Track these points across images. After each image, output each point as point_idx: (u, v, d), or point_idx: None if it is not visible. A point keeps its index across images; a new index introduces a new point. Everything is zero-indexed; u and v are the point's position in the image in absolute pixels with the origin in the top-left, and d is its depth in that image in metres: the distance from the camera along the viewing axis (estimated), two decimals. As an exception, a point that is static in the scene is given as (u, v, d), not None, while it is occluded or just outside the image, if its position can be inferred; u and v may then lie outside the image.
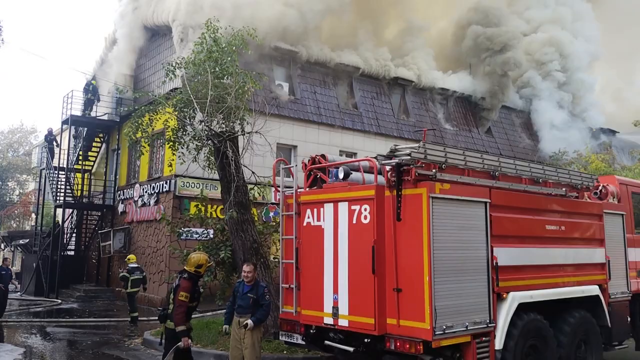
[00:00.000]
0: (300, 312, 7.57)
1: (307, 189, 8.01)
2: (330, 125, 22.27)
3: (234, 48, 11.06)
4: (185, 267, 7.86)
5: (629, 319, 9.32)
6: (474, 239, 6.98)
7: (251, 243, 10.99)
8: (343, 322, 7.01)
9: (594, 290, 8.47)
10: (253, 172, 11.05)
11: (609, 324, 8.62)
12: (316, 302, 7.34)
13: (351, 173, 7.52)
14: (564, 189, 8.43)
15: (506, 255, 7.23)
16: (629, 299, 9.33)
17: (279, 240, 8.41)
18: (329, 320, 7.16)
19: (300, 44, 21.84)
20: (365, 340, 6.79)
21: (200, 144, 11.14)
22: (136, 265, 15.74)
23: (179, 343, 7.41)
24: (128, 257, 16.22)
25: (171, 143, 11.52)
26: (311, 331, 7.48)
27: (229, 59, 10.93)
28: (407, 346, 6.38)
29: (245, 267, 7.84)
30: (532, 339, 7.33)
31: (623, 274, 9.25)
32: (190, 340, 7.50)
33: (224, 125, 10.88)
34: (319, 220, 7.49)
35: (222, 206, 11.99)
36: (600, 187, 9.36)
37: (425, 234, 6.44)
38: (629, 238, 9.49)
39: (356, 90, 23.86)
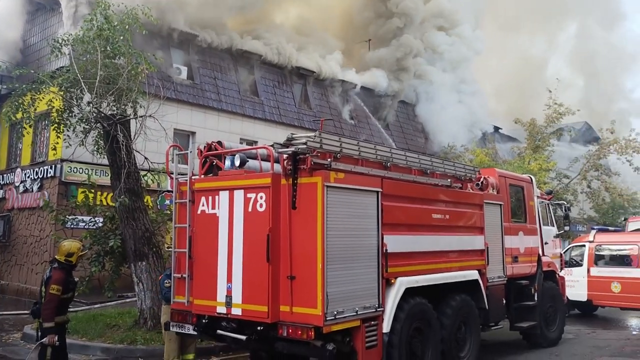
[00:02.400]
0: (193, 302, 7.40)
1: (202, 176, 7.83)
2: (231, 112, 21.95)
3: (126, 27, 10.55)
4: (56, 256, 7.43)
5: (504, 302, 10.06)
6: (365, 227, 7.18)
7: (143, 232, 10.62)
8: (236, 311, 6.95)
9: (474, 275, 9.04)
10: (146, 158, 10.65)
11: (487, 306, 9.23)
12: (209, 292, 7.21)
13: (247, 161, 7.44)
14: (449, 180, 8.90)
15: (395, 243, 7.52)
16: (505, 283, 10.05)
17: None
18: (222, 310, 7.07)
19: (199, 27, 21.25)
20: (258, 328, 6.79)
21: (88, 126, 10.57)
22: None
23: (44, 339, 7.00)
24: None
25: (56, 125, 10.81)
26: (203, 321, 7.33)
27: (122, 38, 10.43)
28: (299, 332, 6.46)
29: None
30: (417, 322, 7.70)
31: (500, 260, 9.95)
32: (56, 338, 7.05)
33: (114, 108, 10.40)
34: (213, 208, 7.34)
35: (112, 193, 11.44)
36: (481, 179, 9.97)
37: (320, 222, 6.53)
38: (506, 226, 10.22)
39: (258, 78, 23.68)
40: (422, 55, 29.16)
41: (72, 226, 13.26)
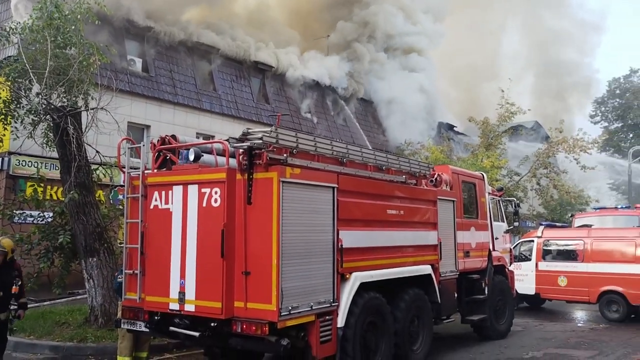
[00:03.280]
0: (145, 298, 7.28)
1: (155, 170, 7.69)
2: (187, 105, 21.60)
3: (78, 16, 10.24)
4: None
5: (456, 295, 10.31)
6: (321, 223, 7.23)
7: (94, 227, 10.39)
8: (189, 308, 6.87)
9: (427, 269, 9.21)
10: (97, 152, 10.42)
11: (439, 300, 9.44)
12: (162, 288, 7.10)
13: (202, 155, 7.35)
14: (404, 176, 9.04)
15: (351, 238, 7.60)
16: (457, 277, 10.30)
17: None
18: (174, 306, 6.98)
19: (156, 19, 20.81)
20: (212, 324, 6.74)
21: (37, 118, 10.22)
22: None
23: None
24: None
25: (2, 116, 10.41)
26: (156, 318, 7.23)
27: (73, 27, 10.12)
28: (254, 328, 6.45)
29: None
30: (372, 316, 7.81)
31: (452, 255, 10.17)
32: None
33: (65, 99, 10.09)
34: (167, 203, 7.23)
35: (62, 187, 11.14)
36: (435, 176, 10.18)
37: (275, 218, 6.53)
38: (458, 222, 10.45)
39: (215, 71, 23.39)
40: (378, 38, 29.47)
41: (20, 221, 12.80)
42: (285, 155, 6.84)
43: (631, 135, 52.79)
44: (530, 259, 16.14)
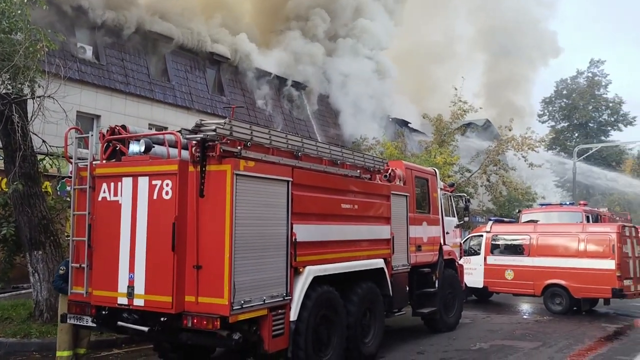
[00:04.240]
0: (92, 292, 7.09)
1: (105, 161, 7.48)
2: (140, 95, 21.06)
3: (25, 0, 9.82)
4: None
5: (407, 289, 10.49)
6: (275, 216, 7.21)
7: (40, 219, 10.04)
8: (139, 302, 6.74)
9: (379, 263, 9.33)
10: (44, 141, 10.05)
11: (391, 294, 9.58)
12: (110, 282, 6.93)
13: (153, 146, 7.20)
14: (358, 170, 9.11)
15: (305, 232, 7.61)
16: (408, 271, 10.48)
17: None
18: (123, 301, 6.83)
19: (107, 4, 20.18)
20: (162, 319, 6.62)
21: (-22, 105, 9.75)
22: None
23: None
24: None
25: (-59, 103, 9.89)
26: (103, 312, 7.06)
27: (19, 12, 9.70)
28: (205, 323, 6.38)
29: None
30: (324, 310, 7.86)
31: (405, 249, 10.33)
32: None
33: (10, 87, 9.68)
34: (116, 195, 7.05)
35: (6, 178, 10.70)
36: (389, 171, 10.30)
37: (228, 211, 6.47)
38: (411, 217, 10.62)
39: (169, 61, 22.89)
40: (333, 26, 29.63)
41: (-41, 213, 12.23)
42: (239, 147, 6.77)
43: (576, 135, 54.90)
44: (479, 253, 16.57)
